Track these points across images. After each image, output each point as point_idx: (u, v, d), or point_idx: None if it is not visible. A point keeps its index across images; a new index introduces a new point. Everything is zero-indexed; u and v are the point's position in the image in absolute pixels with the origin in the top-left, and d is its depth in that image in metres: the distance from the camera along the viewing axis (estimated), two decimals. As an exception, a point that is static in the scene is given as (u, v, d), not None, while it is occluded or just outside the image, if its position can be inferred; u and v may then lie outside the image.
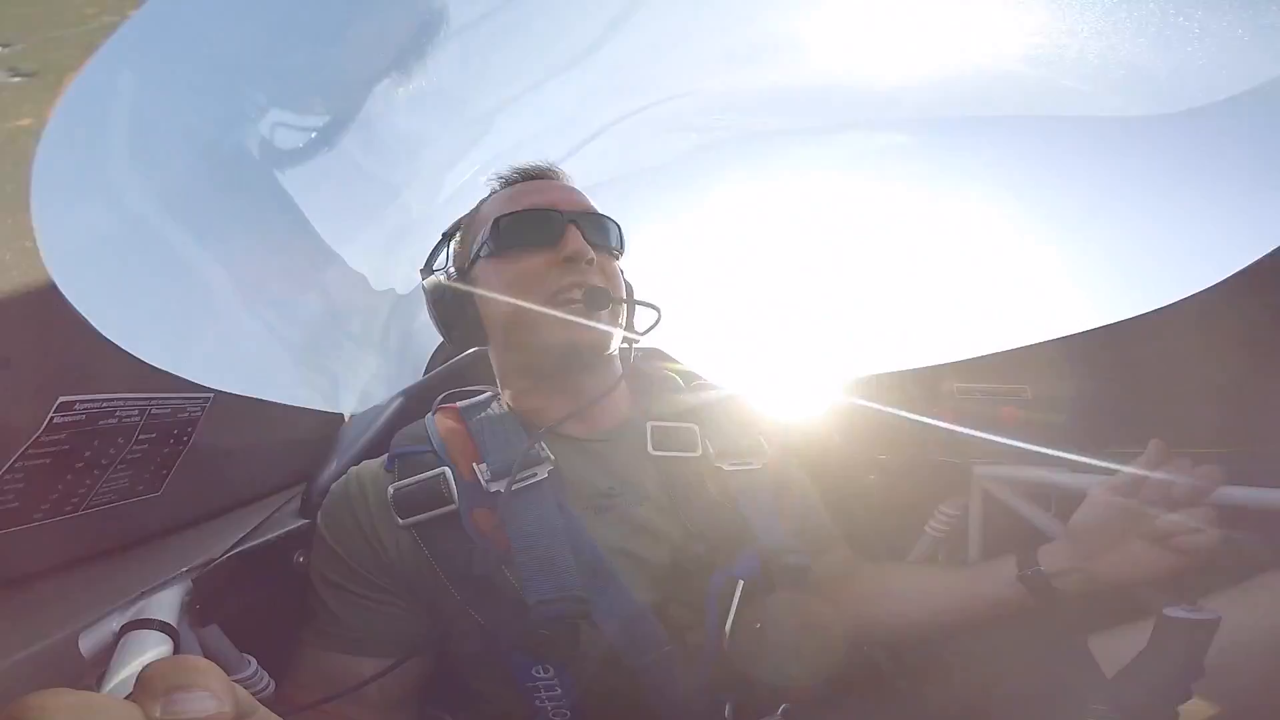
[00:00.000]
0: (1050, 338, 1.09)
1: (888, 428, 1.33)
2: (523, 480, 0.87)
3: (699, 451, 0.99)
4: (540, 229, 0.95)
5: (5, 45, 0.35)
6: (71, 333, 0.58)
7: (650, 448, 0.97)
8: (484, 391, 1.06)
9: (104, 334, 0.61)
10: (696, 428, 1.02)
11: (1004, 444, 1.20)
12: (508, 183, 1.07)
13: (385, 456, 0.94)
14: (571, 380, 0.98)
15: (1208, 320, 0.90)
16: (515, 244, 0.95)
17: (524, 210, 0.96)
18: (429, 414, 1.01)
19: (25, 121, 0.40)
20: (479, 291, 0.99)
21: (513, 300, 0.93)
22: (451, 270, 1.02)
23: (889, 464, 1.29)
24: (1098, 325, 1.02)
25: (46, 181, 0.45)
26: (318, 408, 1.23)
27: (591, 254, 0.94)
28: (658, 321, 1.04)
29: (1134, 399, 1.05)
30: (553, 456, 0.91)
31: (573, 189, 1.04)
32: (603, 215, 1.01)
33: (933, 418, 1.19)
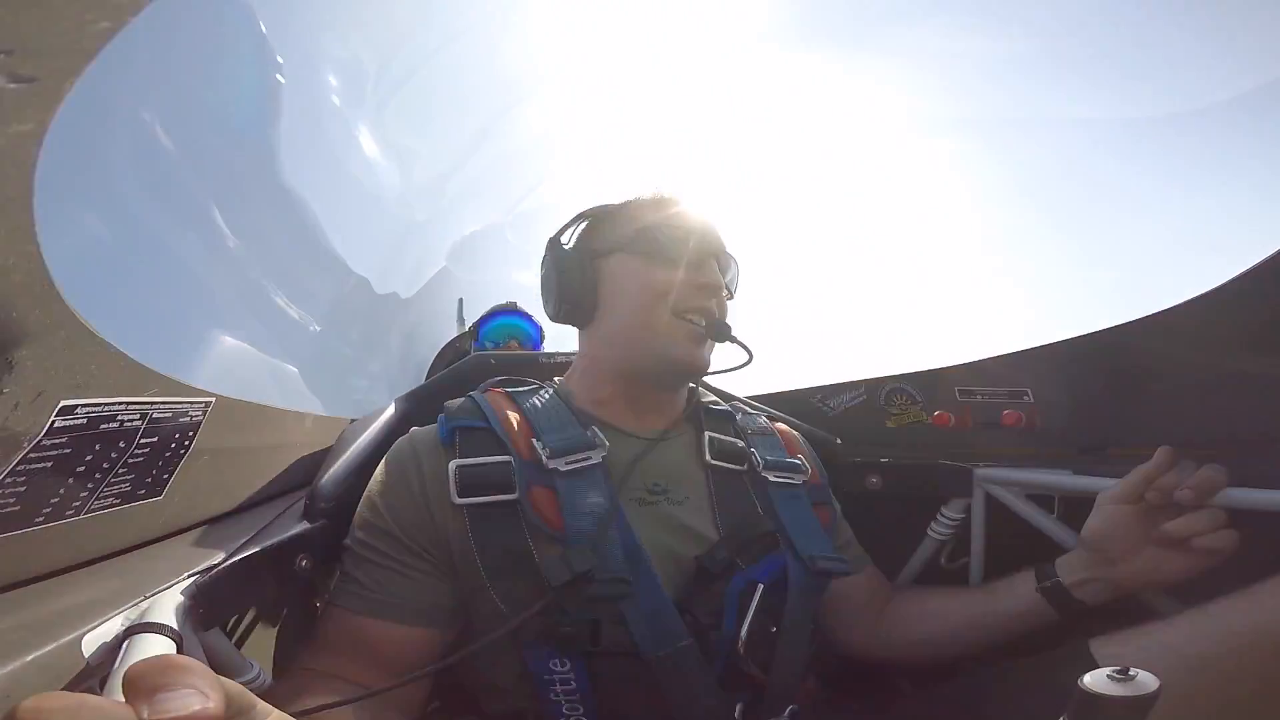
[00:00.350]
0: (1052, 340, 1.09)
1: (890, 430, 1.33)
2: (579, 461, 0.90)
3: (746, 465, 1.03)
4: (687, 248, 1.01)
5: (5, 52, 0.35)
6: (73, 336, 0.58)
7: (708, 456, 1.01)
8: (528, 380, 1.10)
9: (105, 338, 0.61)
10: (743, 443, 1.06)
11: (1006, 446, 1.20)
12: (661, 194, 1.11)
13: (440, 425, 0.96)
14: (664, 389, 1.06)
15: (1210, 322, 0.90)
16: (661, 252, 1.01)
17: (680, 227, 1.03)
18: (477, 391, 1.04)
19: (26, 126, 0.40)
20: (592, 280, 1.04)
21: (644, 298, 0.99)
22: (584, 248, 1.07)
23: (891, 466, 1.29)
24: (1100, 328, 1.01)
25: (48, 186, 0.45)
26: (319, 412, 1.23)
27: (724, 288, 1.03)
28: (747, 362, 1.08)
29: (1135, 401, 1.05)
30: (607, 443, 0.94)
31: (715, 224, 1.09)
32: (733, 257, 1.08)
33: (936, 420, 1.19)
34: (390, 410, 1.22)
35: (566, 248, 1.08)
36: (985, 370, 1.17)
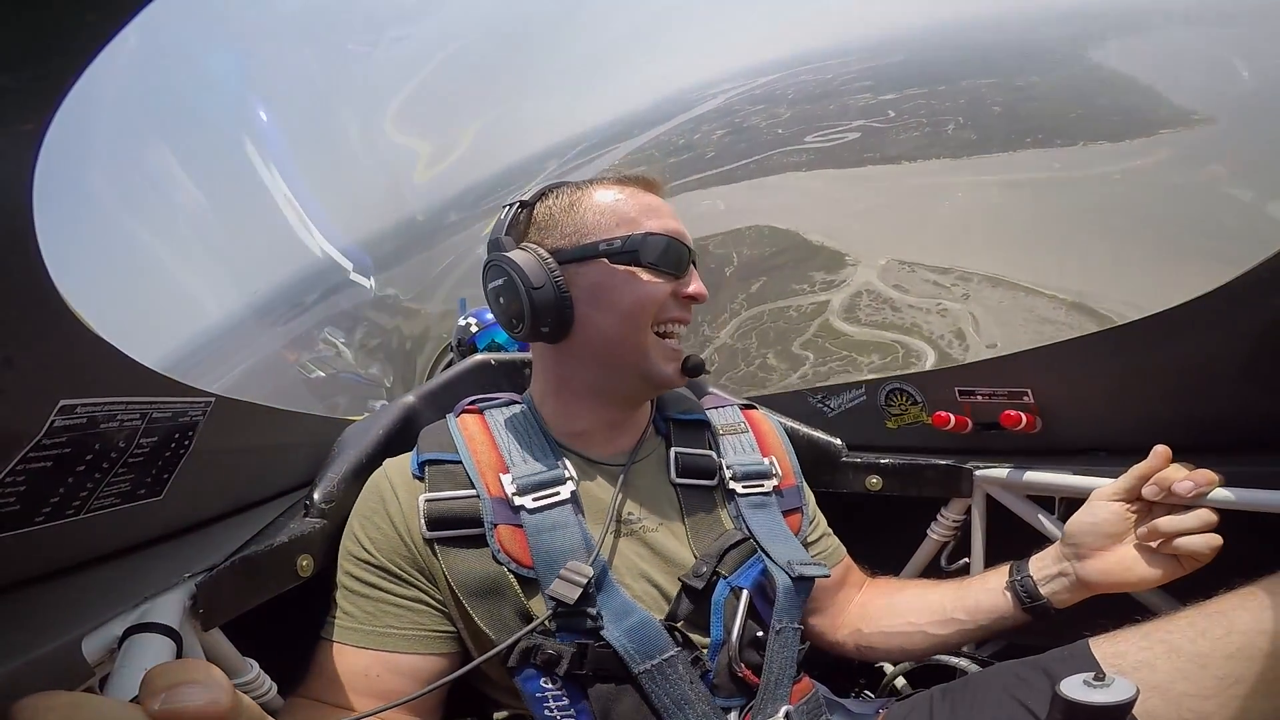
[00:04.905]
0: (1053, 341, 1.09)
1: (890, 430, 1.33)
2: (547, 498, 0.90)
3: (715, 480, 1.02)
4: (675, 257, 0.94)
5: (5, 50, 0.35)
6: (73, 336, 0.58)
7: (674, 475, 1.00)
8: (504, 395, 1.08)
9: (105, 337, 0.61)
10: (714, 454, 1.04)
11: (1006, 447, 1.20)
12: (628, 182, 1.00)
13: (411, 458, 0.97)
14: (635, 407, 1.03)
15: (1209, 323, 0.90)
16: (650, 262, 0.93)
17: (670, 235, 0.94)
18: (451, 415, 1.03)
19: (26, 126, 0.40)
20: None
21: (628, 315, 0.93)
22: (548, 257, 0.92)
23: (890, 466, 1.29)
24: (1101, 329, 1.01)
25: (48, 185, 0.45)
26: (319, 412, 1.23)
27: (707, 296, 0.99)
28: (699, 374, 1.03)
29: (1136, 401, 1.04)
30: (576, 476, 0.94)
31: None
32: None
33: (936, 420, 1.19)
34: (390, 411, 1.22)
35: (524, 252, 0.92)
36: (985, 370, 1.17)
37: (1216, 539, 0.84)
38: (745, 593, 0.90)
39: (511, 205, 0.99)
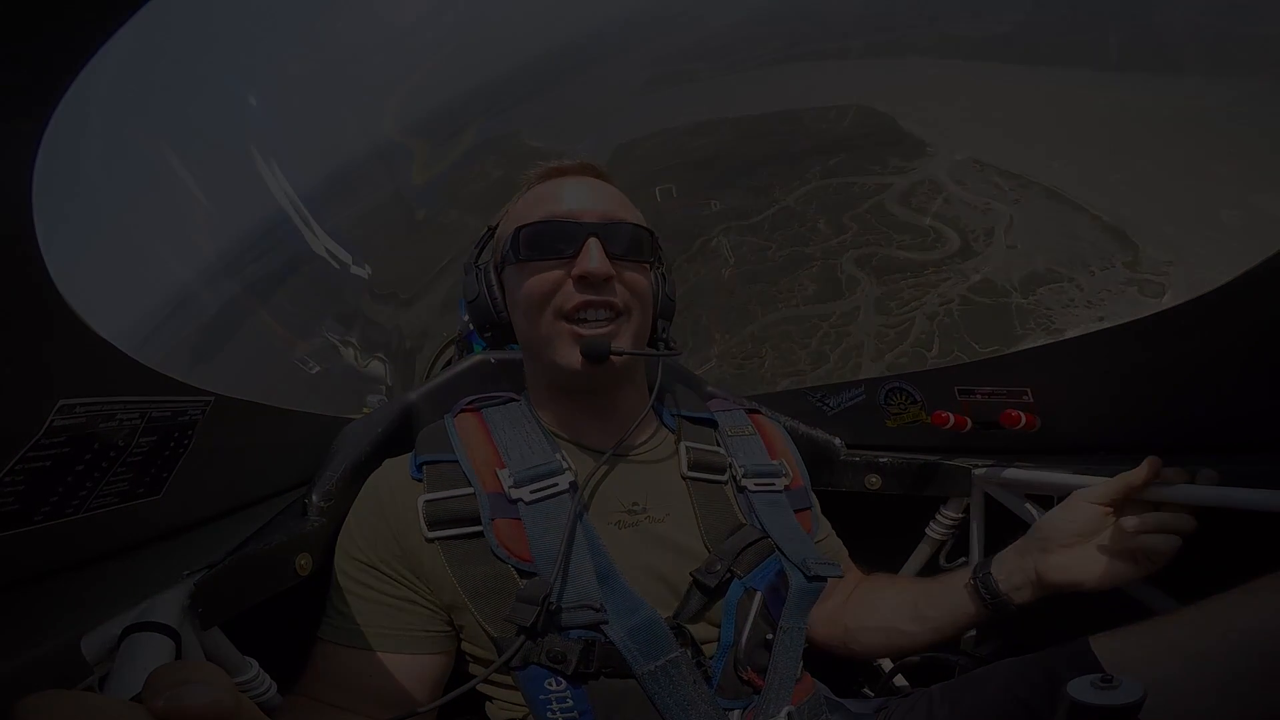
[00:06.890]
0: (1052, 340, 1.09)
1: (889, 429, 1.33)
2: (545, 489, 0.90)
3: (726, 475, 1.02)
4: (558, 240, 0.92)
5: (5, 50, 0.35)
6: (73, 336, 0.58)
7: (685, 468, 1.00)
8: (503, 394, 1.08)
9: (105, 337, 0.61)
10: (724, 451, 1.05)
11: (1006, 446, 1.20)
12: (542, 178, 1.02)
13: (410, 459, 0.97)
14: (594, 394, 1.00)
15: (1210, 323, 0.90)
16: (534, 254, 0.93)
17: (541, 221, 0.93)
18: (449, 415, 1.03)
19: (25, 124, 0.40)
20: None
21: (528, 311, 0.94)
22: (487, 269, 1.01)
23: (890, 465, 1.29)
24: (1100, 328, 1.01)
25: (47, 183, 0.45)
26: (318, 411, 1.23)
27: (609, 271, 0.90)
28: (675, 355, 1.06)
29: (1135, 401, 1.05)
30: (574, 466, 0.93)
31: (605, 192, 0.99)
32: (632, 224, 0.96)
33: (935, 419, 1.19)
34: (389, 410, 1.22)
35: (470, 269, 1.03)
36: (985, 370, 1.17)
37: (1176, 538, 0.85)
38: (759, 594, 0.89)
39: (486, 230, 1.07)
